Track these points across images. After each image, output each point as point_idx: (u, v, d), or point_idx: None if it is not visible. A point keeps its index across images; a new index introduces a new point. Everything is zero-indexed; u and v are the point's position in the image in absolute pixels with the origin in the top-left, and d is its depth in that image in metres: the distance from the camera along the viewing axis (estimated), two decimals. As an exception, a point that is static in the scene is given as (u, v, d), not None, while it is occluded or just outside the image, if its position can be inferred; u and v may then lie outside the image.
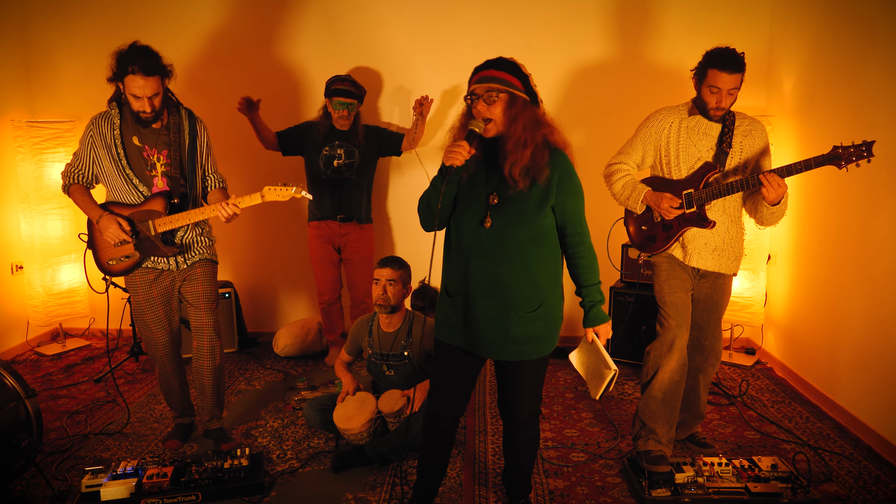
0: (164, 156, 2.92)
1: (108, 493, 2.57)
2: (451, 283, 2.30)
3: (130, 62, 2.72)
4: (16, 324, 4.47)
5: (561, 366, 4.22)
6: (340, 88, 3.91)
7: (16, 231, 4.44)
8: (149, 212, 2.90)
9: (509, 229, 2.18)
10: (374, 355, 3.22)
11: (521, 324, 2.21)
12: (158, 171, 2.92)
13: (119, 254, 2.95)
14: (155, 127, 2.90)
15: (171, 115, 2.94)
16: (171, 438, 3.16)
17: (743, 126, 2.83)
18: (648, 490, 2.63)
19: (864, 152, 2.48)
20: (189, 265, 3.02)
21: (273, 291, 4.80)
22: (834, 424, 3.32)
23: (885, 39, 3.08)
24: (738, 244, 2.90)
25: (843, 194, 3.39)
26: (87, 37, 4.52)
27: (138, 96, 2.77)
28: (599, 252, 4.19)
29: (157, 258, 2.97)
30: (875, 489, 2.73)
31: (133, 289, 3.01)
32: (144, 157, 2.90)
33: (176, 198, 2.93)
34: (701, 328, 2.96)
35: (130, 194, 2.91)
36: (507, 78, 2.16)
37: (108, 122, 2.90)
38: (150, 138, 2.90)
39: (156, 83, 2.77)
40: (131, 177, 2.89)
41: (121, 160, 2.88)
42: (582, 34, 4.34)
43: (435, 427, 2.45)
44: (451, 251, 2.30)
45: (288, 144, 4.08)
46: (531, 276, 2.21)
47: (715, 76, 2.69)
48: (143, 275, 2.98)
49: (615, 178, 2.94)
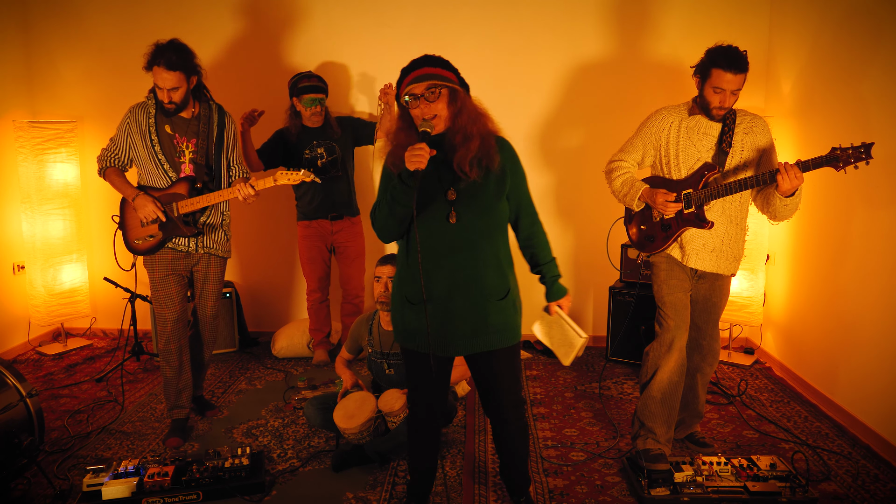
0: (192, 144, 3.14)
1: (109, 492, 2.58)
2: (414, 289, 2.24)
3: (161, 55, 2.96)
4: (17, 323, 4.49)
5: (560, 365, 4.23)
6: (308, 85, 3.89)
7: (17, 231, 4.45)
8: (173, 195, 3.12)
9: (475, 220, 2.21)
10: (375, 354, 3.23)
11: (497, 312, 2.26)
12: (187, 157, 3.13)
13: (145, 234, 3.16)
14: (185, 117, 3.13)
15: (202, 108, 3.18)
16: (172, 436, 3.18)
17: (744, 124, 2.81)
18: (647, 489, 2.64)
19: (863, 154, 2.46)
20: (205, 253, 3.24)
21: (274, 291, 4.81)
22: (832, 424, 3.33)
23: (885, 40, 3.09)
24: (738, 245, 2.90)
25: (842, 194, 3.40)
26: (88, 38, 4.53)
27: (160, 87, 3.01)
28: (600, 252, 4.26)
29: (178, 239, 3.16)
30: (873, 488, 2.74)
31: (151, 266, 3.21)
32: (175, 144, 3.13)
33: (199, 182, 3.13)
34: (699, 328, 2.97)
35: (161, 178, 3.13)
36: (443, 73, 2.17)
37: (144, 111, 3.12)
38: (180, 127, 3.13)
39: (177, 78, 2.99)
40: (162, 161, 3.11)
41: (154, 146, 3.10)
42: (582, 34, 4.35)
43: (418, 428, 2.46)
44: (411, 257, 2.24)
45: (270, 160, 4.02)
46: (499, 264, 2.27)
47: (719, 76, 2.67)
48: (162, 254, 3.18)
49: (615, 174, 2.95)
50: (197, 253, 3.22)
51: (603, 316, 4.41)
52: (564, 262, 4.60)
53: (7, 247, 4.42)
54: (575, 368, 4.18)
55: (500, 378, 2.34)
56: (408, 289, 2.27)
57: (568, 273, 4.61)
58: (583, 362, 4.30)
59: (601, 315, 4.50)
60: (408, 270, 2.27)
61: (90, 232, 4.76)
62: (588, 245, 4.52)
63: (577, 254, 4.57)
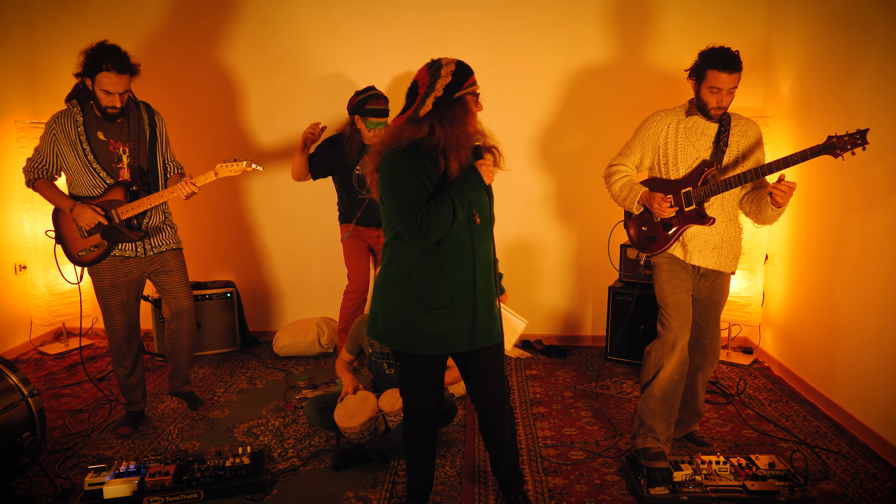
0: (127, 147, 3.08)
1: (110, 492, 2.60)
2: (435, 293, 2.24)
3: (104, 60, 2.91)
4: (19, 323, 4.50)
5: (560, 365, 4.24)
6: (376, 108, 3.71)
7: (19, 231, 4.46)
8: (110, 202, 3.06)
9: (487, 222, 2.33)
10: (375, 354, 3.24)
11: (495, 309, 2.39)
12: (125, 162, 3.08)
13: (88, 244, 3.10)
14: (118, 121, 3.07)
15: (131, 109, 3.11)
16: (124, 425, 3.26)
17: (739, 126, 2.86)
18: (647, 488, 2.65)
19: (859, 140, 2.49)
20: (157, 253, 3.21)
21: (275, 290, 4.83)
22: (831, 423, 3.34)
23: (882, 40, 3.10)
24: (737, 243, 2.93)
25: (840, 194, 3.41)
26: (89, 38, 4.42)
27: (110, 92, 2.94)
28: (599, 252, 4.27)
29: (124, 245, 3.12)
30: (871, 487, 2.75)
31: (99, 275, 3.16)
32: (111, 150, 3.06)
33: (135, 186, 3.09)
34: (700, 327, 2.99)
35: (97, 187, 3.07)
36: None
37: (70, 120, 3.03)
38: (114, 132, 3.07)
39: (127, 80, 2.98)
40: (98, 170, 3.04)
41: (87, 155, 3.02)
42: (582, 36, 4.36)
43: (418, 428, 2.47)
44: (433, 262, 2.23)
45: (318, 168, 3.88)
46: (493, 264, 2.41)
47: (715, 77, 2.71)
48: (109, 262, 3.15)
49: (614, 178, 2.97)
50: (147, 256, 3.19)
51: (602, 316, 4.42)
52: (565, 263, 4.62)
53: (9, 247, 4.44)
54: (575, 368, 4.20)
55: (499, 369, 2.42)
56: (426, 293, 2.24)
57: (568, 273, 4.62)
58: (582, 362, 4.32)
59: (601, 315, 4.51)
60: (421, 272, 2.24)
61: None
62: (588, 246, 4.53)
63: (578, 254, 4.59)
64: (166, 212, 3.30)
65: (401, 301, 2.27)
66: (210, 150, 4.57)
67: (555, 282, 4.65)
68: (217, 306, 4.43)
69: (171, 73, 4.50)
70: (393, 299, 2.29)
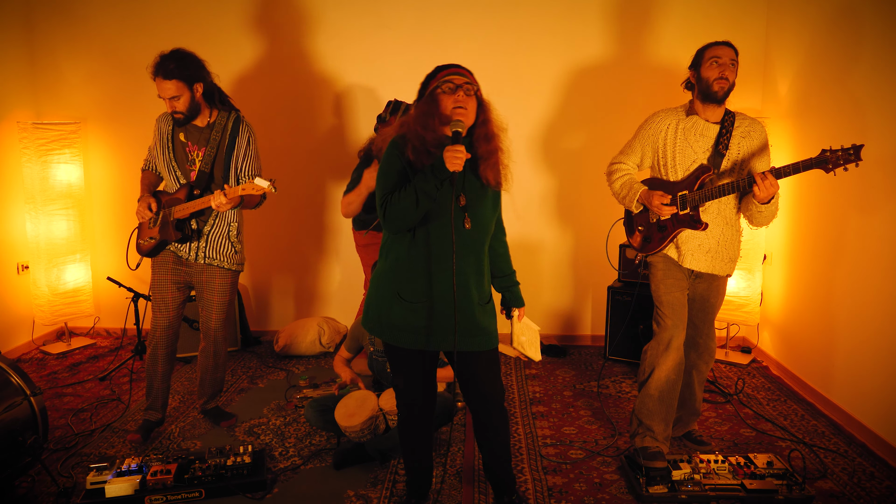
0: (202, 152, 3.12)
1: (112, 490, 2.61)
2: (411, 287, 2.27)
3: (159, 64, 2.95)
4: (22, 323, 4.52)
5: (559, 364, 4.26)
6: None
7: (21, 231, 4.48)
8: (174, 199, 3.14)
9: (480, 229, 2.30)
10: (377, 352, 3.26)
11: (483, 316, 2.34)
12: (196, 165, 3.12)
13: (148, 235, 3.20)
14: (199, 125, 3.11)
15: (218, 116, 3.14)
16: (135, 433, 3.20)
17: (742, 127, 2.83)
18: (646, 487, 2.66)
19: (853, 156, 2.47)
20: (206, 264, 3.18)
21: (276, 290, 4.84)
22: (829, 422, 3.35)
23: (880, 41, 3.11)
24: (734, 246, 2.92)
25: (838, 194, 3.42)
26: (91, 39, 4.56)
27: (162, 97, 3.00)
28: (598, 252, 4.29)
29: (181, 245, 3.17)
30: (869, 486, 2.76)
31: (155, 267, 3.24)
32: (186, 152, 3.14)
33: (197, 189, 3.12)
34: (696, 327, 3.00)
35: (174, 185, 3.17)
36: (474, 80, 2.26)
37: (166, 120, 3.17)
38: (193, 135, 3.12)
39: (175, 87, 2.95)
40: (174, 168, 3.14)
41: (168, 154, 3.15)
42: (581, 36, 4.38)
43: (411, 425, 2.48)
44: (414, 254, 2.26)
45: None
46: (485, 272, 2.38)
47: (713, 49, 2.78)
48: (165, 255, 3.21)
49: (615, 177, 2.98)
50: (196, 263, 3.18)
51: (602, 315, 4.44)
52: (564, 262, 4.63)
53: (11, 247, 4.46)
54: (574, 367, 4.21)
55: (484, 376, 2.39)
56: (403, 285, 2.28)
57: (567, 273, 4.63)
58: (582, 361, 4.33)
59: (600, 314, 4.53)
60: (406, 266, 2.27)
61: (93, 232, 4.79)
62: (587, 245, 4.55)
63: (577, 254, 4.60)
64: (232, 224, 3.19)
65: (385, 290, 2.32)
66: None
67: (554, 281, 4.66)
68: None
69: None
70: (379, 289, 2.35)
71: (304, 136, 4.59)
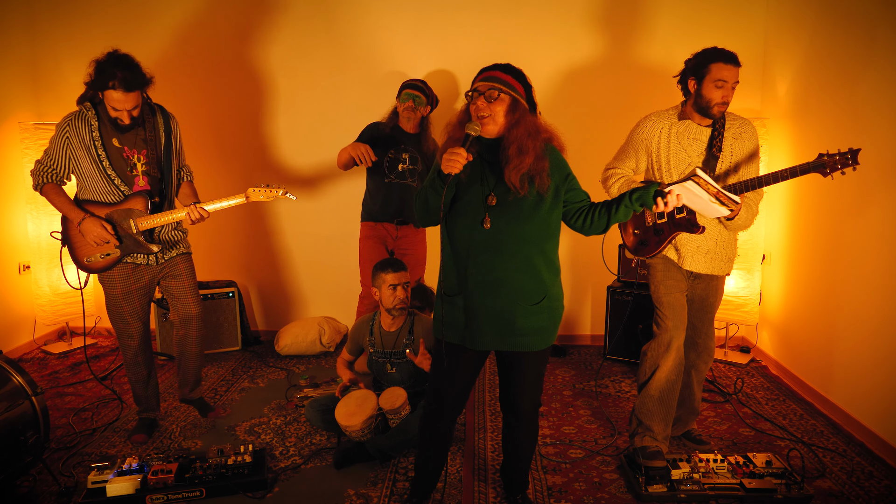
0: (143, 155, 2.99)
1: (113, 489, 2.62)
2: (449, 282, 2.31)
3: (112, 77, 2.76)
4: (23, 323, 4.53)
5: (559, 364, 4.27)
6: (410, 82, 3.86)
7: (23, 231, 4.49)
8: (128, 210, 2.98)
9: (511, 227, 2.21)
10: (377, 354, 3.27)
11: (527, 316, 2.25)
12: (139, 170, 2.99)
13: (98, 251, 3.01)
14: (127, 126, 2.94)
15: (146, 116, 3.00)
16: (138, 433, 3.22)
17: (733, 128, 2.83)
18: (645, 486, 2.67)
19: (850, 160, 2.48)
20: (167, 259, 3.15)
21: (277, 290, 4.85)
22: (827, 421, 3.36)
23: (880, 42, 3.12)
24: (731, 246, 2.93)
25: (837, 195, 3.42)
26: (93, 39, 4.56)
27: (118, 109, 2.84)
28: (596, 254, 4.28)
29: (137, 254, 3.06)
30: (868, 485, 2.77)
31: (111, 283, 3.08)
32: (125, 157, 2.97)
33: (156, 196, 3.04)
34: (695, 327, 3.01)
35: (111, 194, 2.98)
36: (511, 81, 2.20)
37: (84, 124, 2.91)
38: (129, 139, 2.96)
39: (136, 97, 2.85)
40: (113, 177, 2.95)
41: (102, 162, 2.93)
42: (577, 38, 4.38)
43: (434, 427, 2.47)
44: (447, 251, 2.30)
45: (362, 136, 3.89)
46: (534, 270, 2.24)
47: (720, 69, 2.68)
48: (121, 269, 3.07)
49: (611, 181, 2.99)
50: (158, 263, 3.12)
51: (601, 315, 4.45)
52: (563, 263, 4.62)
53: (13, 247, 4.47)
54: (573, 367, 4.22)
55: (524, 379, 2.38)
56: (445, 282, 2.32)
57: (567, 273, 4.63)
58: (581, 361, 4.34)
59: (599, 314, 4.54)
60: (444, 262, 2.32)
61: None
62: (586, 245, 4.53)
63: (575, 254, 4.60)
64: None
65: (438, 285, 2.38)
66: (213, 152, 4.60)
67: (554, 281, 4.66)
68: (219, 306, 4.46)
69: (175, 77, 4.53)
70: (438, 281, 2.40)
71: (304, 136, 4.60)
